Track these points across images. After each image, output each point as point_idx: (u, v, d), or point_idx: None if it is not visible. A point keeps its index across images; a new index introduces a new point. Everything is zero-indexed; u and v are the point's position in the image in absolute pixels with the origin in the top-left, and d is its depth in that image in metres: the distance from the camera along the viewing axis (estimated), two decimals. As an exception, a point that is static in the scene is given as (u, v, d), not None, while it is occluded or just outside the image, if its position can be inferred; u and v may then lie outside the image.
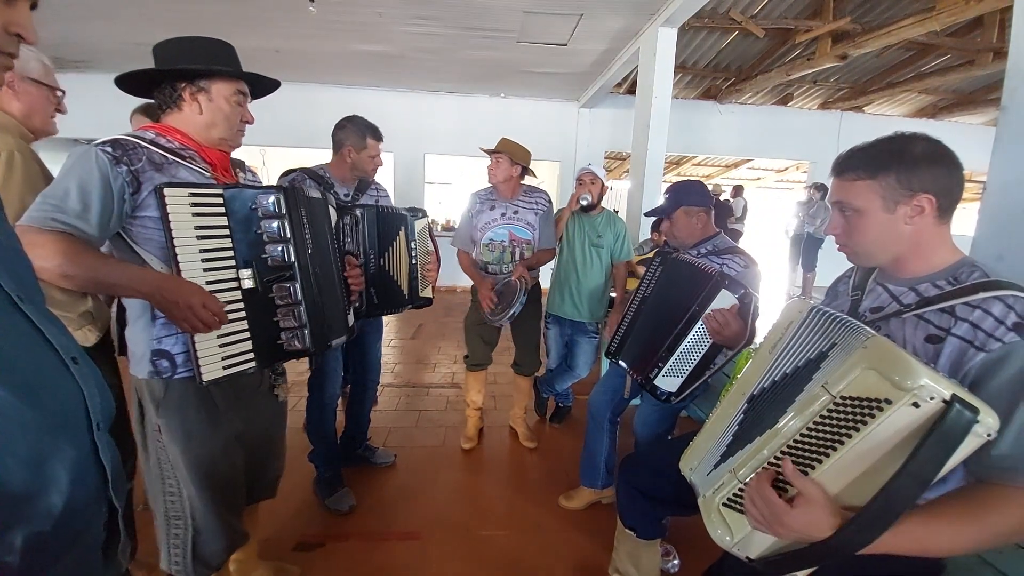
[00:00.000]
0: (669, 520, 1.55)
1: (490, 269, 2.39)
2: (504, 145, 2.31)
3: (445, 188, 10.26)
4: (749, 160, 10.55)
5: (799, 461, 0.75)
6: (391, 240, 1.87)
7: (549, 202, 2.45)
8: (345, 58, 5.15)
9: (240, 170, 1.32)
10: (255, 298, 1.15)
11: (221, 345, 1.10)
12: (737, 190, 8.21)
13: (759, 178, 12.70)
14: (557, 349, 2.73)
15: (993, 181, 1.37)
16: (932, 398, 0.62)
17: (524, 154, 2.33)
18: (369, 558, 1.78)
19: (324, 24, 4.15)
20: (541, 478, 2.37)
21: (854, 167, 0.91)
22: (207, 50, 1.15)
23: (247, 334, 1.14)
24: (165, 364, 1.12)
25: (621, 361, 1.77)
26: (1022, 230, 1.29)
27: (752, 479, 0.80)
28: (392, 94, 6.40)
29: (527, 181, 2.44)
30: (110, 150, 1.02)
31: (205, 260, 1.07)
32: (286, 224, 1.16)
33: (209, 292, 1.05)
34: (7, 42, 0.58)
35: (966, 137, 5.81)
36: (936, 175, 0.86)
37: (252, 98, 1.25)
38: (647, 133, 3.66)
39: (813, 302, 0.93)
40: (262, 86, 1.26)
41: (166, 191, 1.01)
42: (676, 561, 1.79)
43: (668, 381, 1.55)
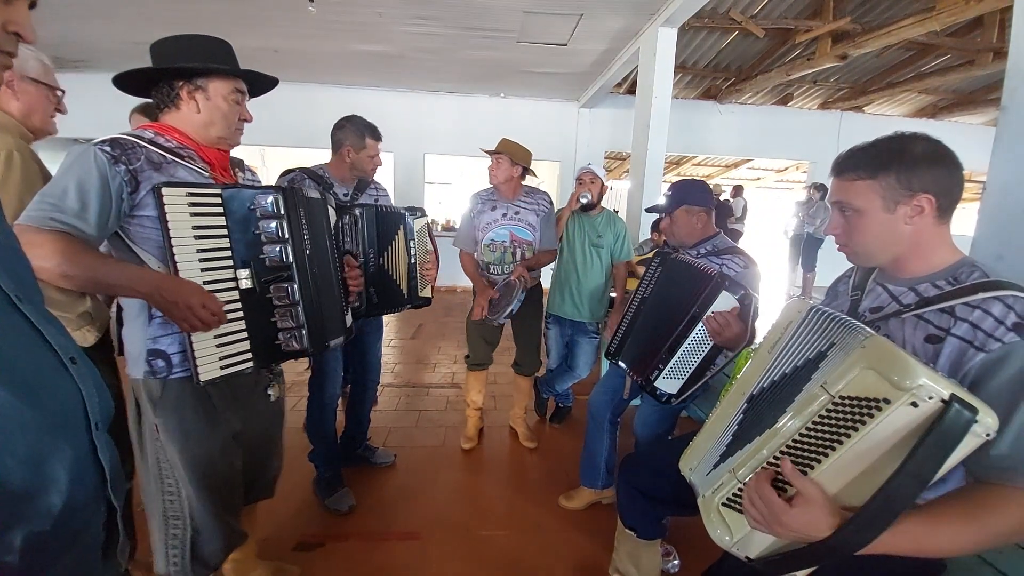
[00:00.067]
0: (669, 520, 1.55)
1: (491, 269, 2.39)
2: (505, 146, 2.31)
3: (445, 188, 10.26)
4: (749, 160, 10.55)
5: (798, 461, 0.75)
6: (390, 239, 1.87)
7: (550, 203, 2.45)
8: (345, 58, 5.15)
9: (239, 169, 1.31)
10: (253, 298, 1.15)
11: (218, 345, 1.10)
12: (737, 190, 8.21)
13: (759, 178, 12.70)
14: (557, 349, 2.73)
15: (993, 181, 1.37)
16: (931, 398, 0.62)
17: (525, 154, 2.33)
18: (369, 558, 1.78)
19: (324, 24, 4.15)
20: (541, 478, 2.37)
21: (854, 167, 0.91)
22: (204, 48, 1.14)
23: (245, 334, 1.14)
24: (161, 364, 1.12)
25: (621, 362, 1.76)
26: (1022, 230, 1.29)
27: (751, 479, 0.80)
28: (392, 94, 6.40)
29: (528, 181, 2.44)
30: (108, 149, 1.02)
31: (203, 260, 1.07)
32: (284, 224, 1.16)
33: (208, 292, 1.05)
34: (6, 41, 0.58)
35: (966, 137, 5.81)
36: (936, 175, 0.86)
37: (250, 96, 1.25)
38: (647, 133, 3.66)
39: (812, 302, 0.93)
40: (260, 84, 1.25)
41: (164, 191, 1.01)
42: (676, 561, 1.79)
43: (668, 383, 1.55)
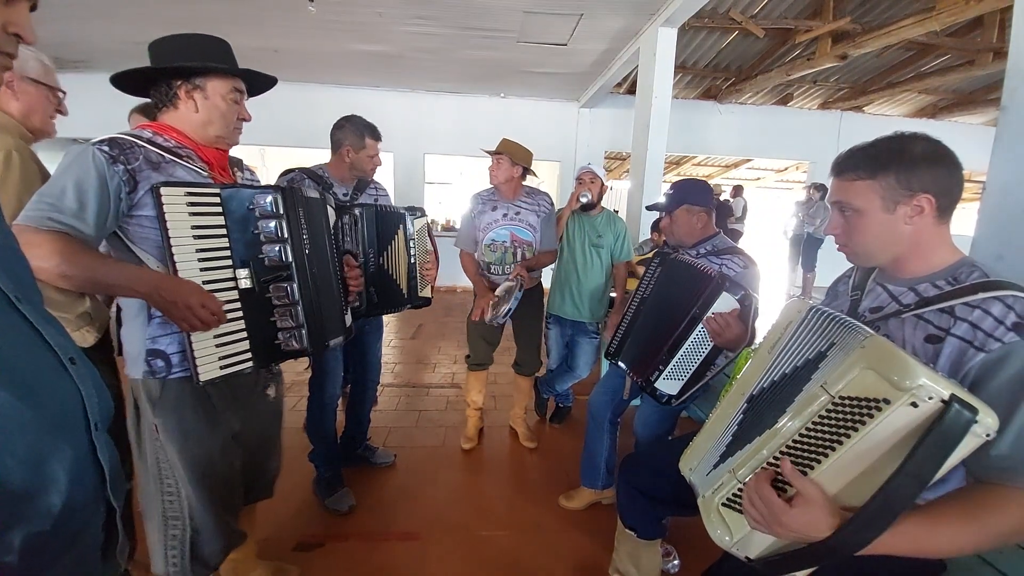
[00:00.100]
0: (669, 520, 1.55)
1: (492, 270, 2.39)
2: (505, 146, 2.30)
3: (445, 188, 10.26)
4: (749, 160, 10.55)
5: (798, 461, 0.74)
6: (390, 239, 1.87)
7: (551, 204, 2.45)
8: (344, 58, 5.15)
9: (238, 168, 1.31)
10: (252, 298, 1.15)
11: (218, 345, 1.10)
12: (737, 190, 8.21)
13: (759, 178, 12.70)
14: (558, 349, 2.73)
15: (993, 181, 1.37)
16: (930, 398, 0.62)
17: (525, 155, 2.33)
18: (369, 558, 1.78)
19: (323, 24, 4.15)
20: (541, 478, 2.37)
21: (854, 167, 0.91)
22: (202, 47, 1.14)
23: (244, 334, 1.14)
24: (160, 364, 1.12)
25: (620, 362, 1.76)
26: (1022, 230, 1.29)
27: (751, 479, 0.80)
28: (391, 94, 6.40)
29: (528, 182, 2.44)
30: (107, 149, 1.01)
31: (202, 260, 1.07)
32: (283, 224, 1.16)
33: (207, 291, 1.05)
34: (6, 42, 0.58)
35: (966, 137, 5.82)
36: (936, 175, 0.86)
37: (249, 96, 1.24)
38: (647, 133, 3.66)
39: (812, 302, 0.93)
40: (259, 84, 1.25)
41: (163, 190, 1.01)
42: (676, 561, 1.79)
43: (669, 384, 1.55)
